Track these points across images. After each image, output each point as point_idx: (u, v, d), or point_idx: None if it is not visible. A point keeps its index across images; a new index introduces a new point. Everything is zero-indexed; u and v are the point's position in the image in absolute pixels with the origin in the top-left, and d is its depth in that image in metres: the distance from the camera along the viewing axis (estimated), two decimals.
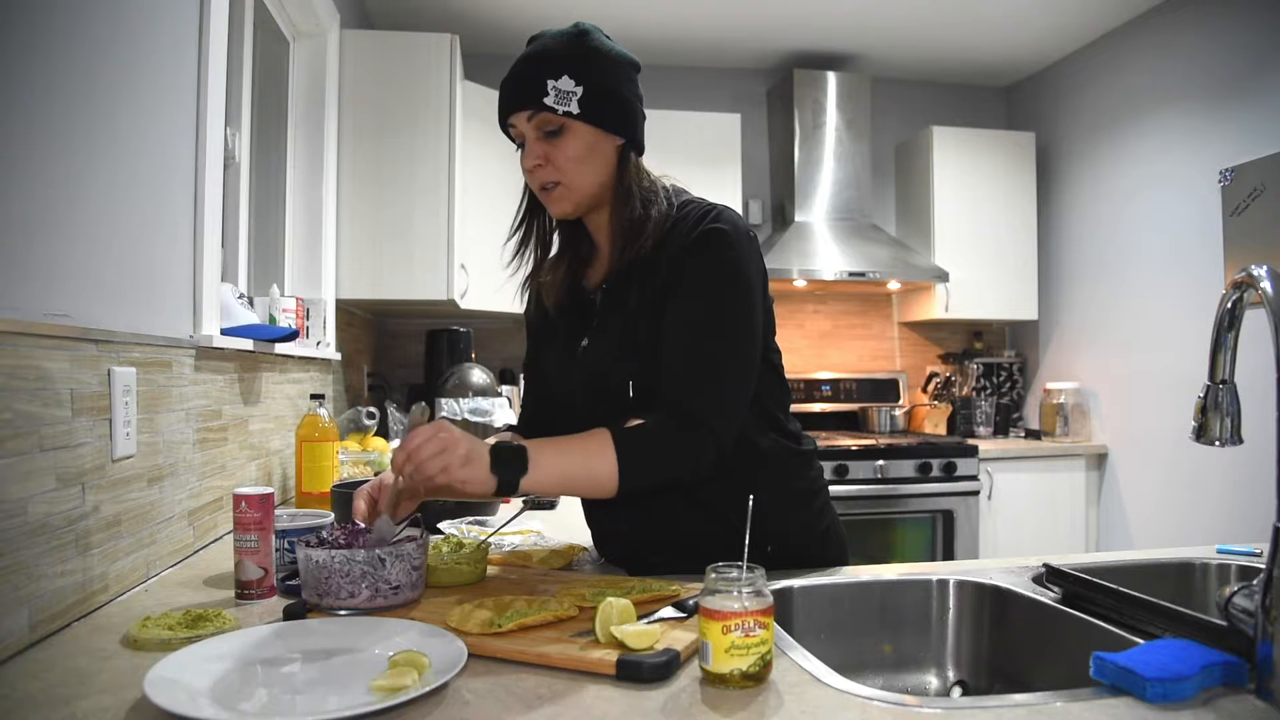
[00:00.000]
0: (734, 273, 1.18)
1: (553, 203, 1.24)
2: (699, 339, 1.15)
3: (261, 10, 2.46)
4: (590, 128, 1.19)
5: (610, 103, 1.19)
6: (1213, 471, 3.18)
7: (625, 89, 1.22)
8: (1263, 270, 0.83)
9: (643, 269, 1.21)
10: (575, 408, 1.27)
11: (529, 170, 1.22)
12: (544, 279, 1.34)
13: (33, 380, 0.99)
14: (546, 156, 1.19)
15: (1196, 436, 0.92)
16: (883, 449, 3.49)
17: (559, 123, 1.18)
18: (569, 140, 1.19)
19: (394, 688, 0.76)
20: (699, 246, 1.18)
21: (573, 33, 1.20)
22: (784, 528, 1.26)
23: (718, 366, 1.15)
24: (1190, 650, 0.80)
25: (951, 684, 1.17)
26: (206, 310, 1.58)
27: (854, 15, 3.67)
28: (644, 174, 1.26)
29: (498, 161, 3.35)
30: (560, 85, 1.16)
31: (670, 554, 1.24)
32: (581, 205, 1.24)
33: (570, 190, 1.21)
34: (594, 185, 1.22)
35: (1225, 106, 3.19)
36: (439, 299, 3.01)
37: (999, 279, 4.06)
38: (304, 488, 1.95)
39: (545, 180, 1.21)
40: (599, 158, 1.21)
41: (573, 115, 1.17)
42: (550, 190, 1.22)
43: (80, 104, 1.14)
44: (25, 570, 0.96)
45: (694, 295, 1.17)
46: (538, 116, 1.17)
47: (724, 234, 1.18)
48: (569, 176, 1.20)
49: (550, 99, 1.15)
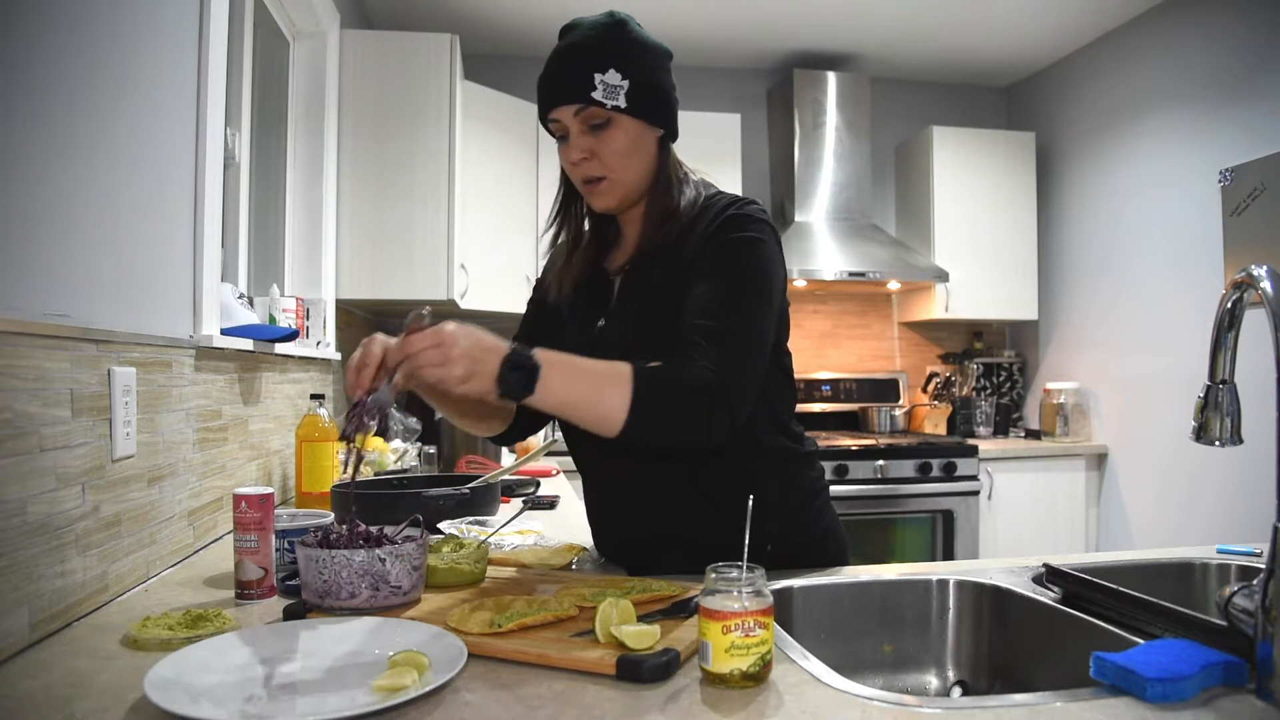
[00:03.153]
0: (759, 253, 1.17)
1: (598, 197, 1.23)
2: (725, 315, 1.12)
3: (261, 10, 2.46)
4: (636, 121, 1.18)
5: (654, 95, 1.19)
6: (1213, 471, 3.18)
7: (665, 79, 1.22)
8: (1263, 270, 0.83)
9: (665, 252, 1.21)
10: None
11: (574, 164, 1.20)
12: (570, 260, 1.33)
13: (33, 380, 0.99)
14: (592, 150, 1.18)
15: (1196, 436, 0.92)
16: (883, 449, 3.49)
17: (606, 116, 1.17)
18: (615, 134, 1.18)
19: (394, 688, 0.76)
20: (726, 227, 1.17)
21: (611, 23, 1.19)
22: (784, 528, 1.26)
23: (738, 341, 1.12)
24: (1190, 650, 0.80)
25: (951, 684, 1.17)
26: (206, 310, 1.58)
27: (854, 15, 3.67)
28: (679, 164, 1.28)
29: (498, 161, 3.35)
30: (608, 79, 1.15)
31: (671, 553, 1.24)
32: (627, 199, 1.24)
33: (616, 185, 1.21)
34: (639, 178, 1.22)
35: (1225, 106, 3.19)
36: (439, 299, 3.01)
37: (999, 279, 4.06)
38: (304, 488, 1.95)
39: (590, 174, 1.20)
40: (643, 150, 1.21)
41: (620, 109, 1.16)
42: (595, 184, 1.21)
43: (80, 104, 1.14)
44: (25, 570, 0.96)
45: (717, 273, 1.15)
46: (585, 111, 1.16)
47: (748, 218, 1.18)
48: (615, 171, 1.20)
49: (598, 93, 1.15)
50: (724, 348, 1.10)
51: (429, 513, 1.57)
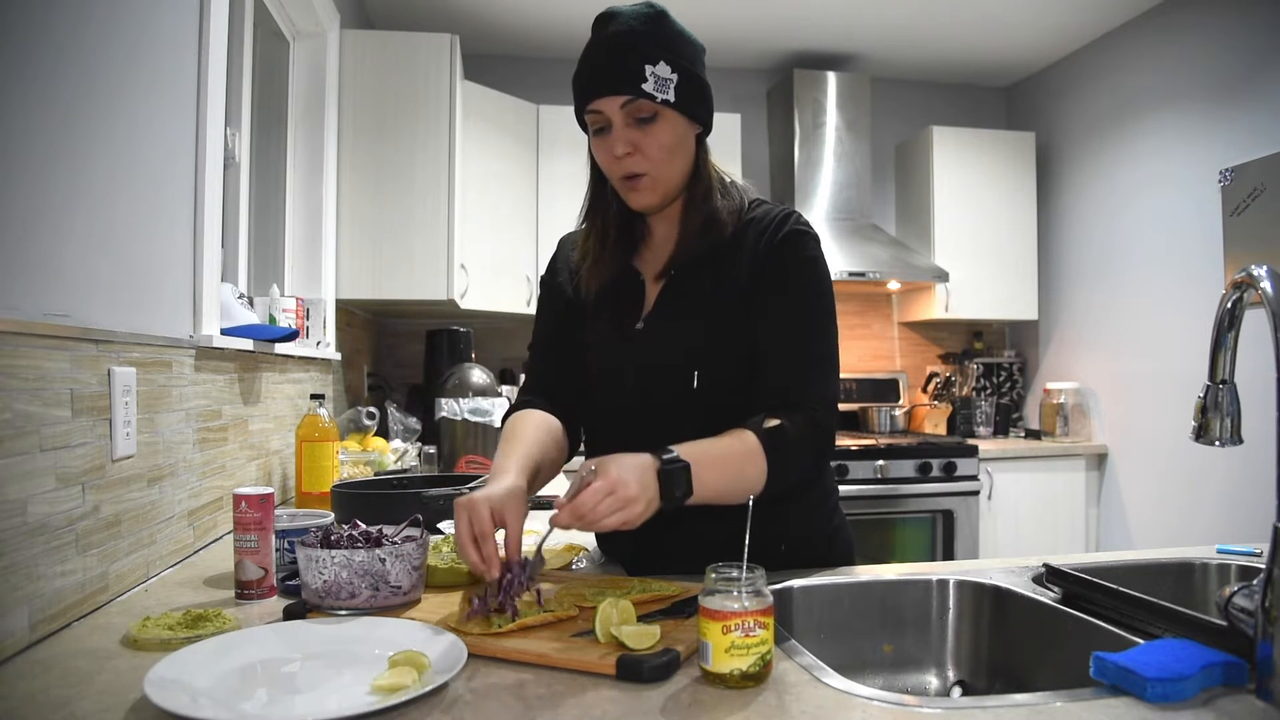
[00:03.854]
0: (825, 275, 1.21)
1: (638, 194, 1.19)
2: (809, 339, 1.17)
3: (261, 10, 2.46)
4: (681, 116, 1.16)
5: (700, 90, 1.18)
6: (1213, 471, 3.18)
7: (705, 74, 1.20)
8: (1263, 270, 0.83)
9: (714, 259, 1.20)
10: (625, 388, 1.25)
11: (618, 158, 1.16)
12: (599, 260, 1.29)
13: (33, 380, 0.99)
14: (636, 144, 1.15)
15: (1196, 436, 0.92)
16: (883, 449, 3.49)
17: (653, 110, 1.13)
18: (662, 128, 1.15)
19: (394, 688, 0.76)
20: (794, 248, 1.19)
21: (655, 14, 1.16)
22: (798, 529, 1.27)
23: (826, 366, 1.18)
24: (1190, 650, 0.80)
25: (951, 684, 1.17)
26: (206, 310, 1.58)
27: (854, 15, 3.67)
28: (714, 164, 1.27)
29: (498, 161, 3.35)
30: (659, 71, 1.12)
31: (675, 553, 1.24)
32: (667, 197, 1.22)
33: (658, 181, 1.18)
34: (680, 176, 1.21)
35: (1225, 106, 3.19)
36: (439, 299, 3.01)
37: (999, 279, 4.06)
38: (304, 488, 1.95)
39: (633, 169, 1.16)
40: (685, 147, 1.19)
41: (669, 103, 1.13)
42: (635, 180, 1.17)
43: (80, 104, 1.14)
44: (25, 570, 0.96)
45: (799, 296, 1.18)
46: (634, 103, 1.13)
47: (813, 238, 1.21)
48: (659, 167, 1.17)
49: (650, 85, 1.11)
50: (817, 384, 1.16)
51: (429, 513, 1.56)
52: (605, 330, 1.28)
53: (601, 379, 1.30)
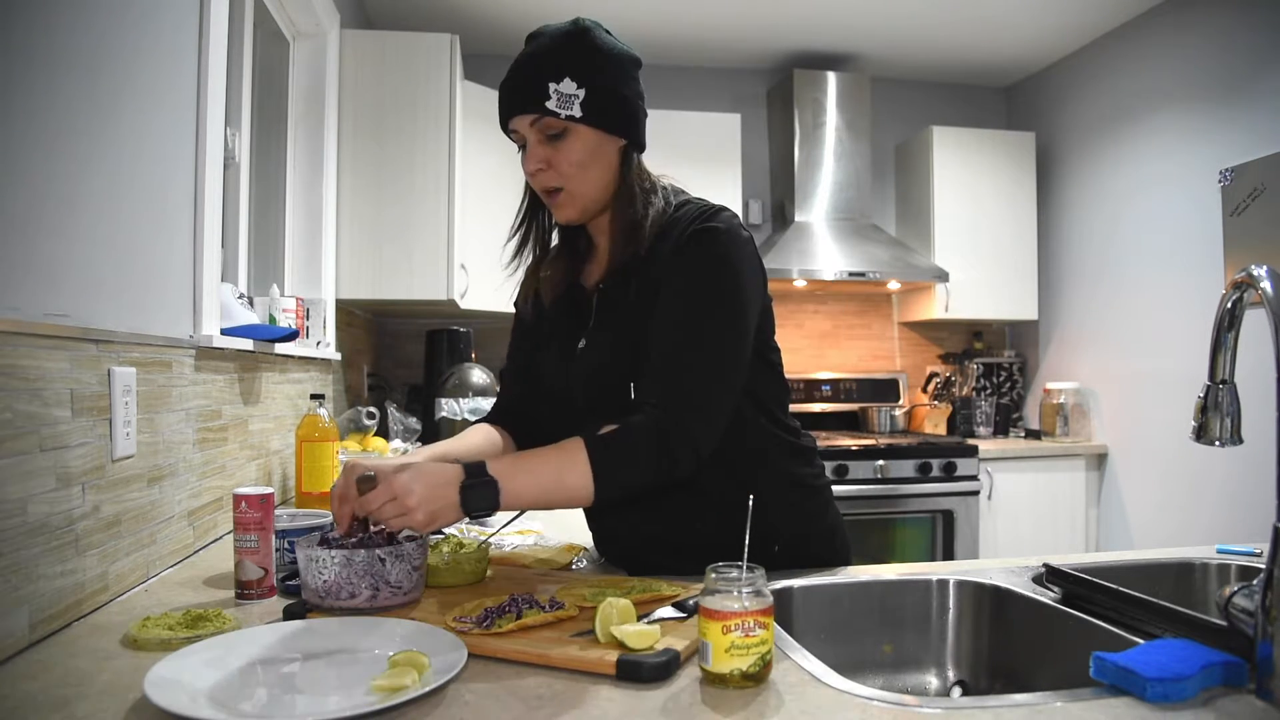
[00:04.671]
0: (721, 273, 1.14)
1: (558, 209, 1.23)
2: (680, 342, 1.12)
3: (261, 10, 2.46)
4: (593, 130, 1.17)
5: (613, 104, 1.17)
6: (1213, 471, 3.18)
7: (627, 88, 1.20)
8: (1263, 270, 0.83)
9: (638, 268, 1.20)
10: (575, 406, 1.26)
11: (530, 174, 1.20)
12: (543, 275, 1.33)
13: (33, 380, 0.99)
14: (548, 160, 1.17)
15: (1196, 436, 0.92)
16: (883, 449, 3.49)
17: (561, 126, 1.15)
18: (572, 143, 1.17)
19: (394, 688, 0.76)
20: (690, 246, 1.15)
21: (572, 30, 1.17)
22: (788, 526, 1.27)
23: (697, 371, 1.11)
24: (1190, 650, 0.80)
25: (951, 684, 1.17)
26: (206, 310, 1.58)
27: (854, 15, 3.67)
28: (645, 174, 1.25)
29: (498, 161, 3.35)
30: (562, 88, 1.13)
31: (675, 553, 1.24)
32: (588, 211, 1.23)
33: (575, 196, 1.20)
34: (598, 189, 1.21)
35: (1225, 106, 3.19)
36: (439, 299, 3.01)
37: (999, 279, 4.06)
38: (304, 488, 1.95)
39: (548, 185, 1.20)
40: (602, 160, 1.19)
41: (575, 119, 1.15)
42: (554, 196, 1.21)
43: (80, 104, 1.14)
44: (25, 570, 0.96)
45: (679, 296, 1.14)
46: (541, 121, 1.15)
47: (716, 232, 1.15)
48: (572, 181, 1.19)
49: (552, 103, 1.13)
50: (686, 383, 1.11)
51: None
52: (555, 349, 1.30)
53: (555, 399, 1.31)
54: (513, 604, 0.97)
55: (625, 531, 1.31)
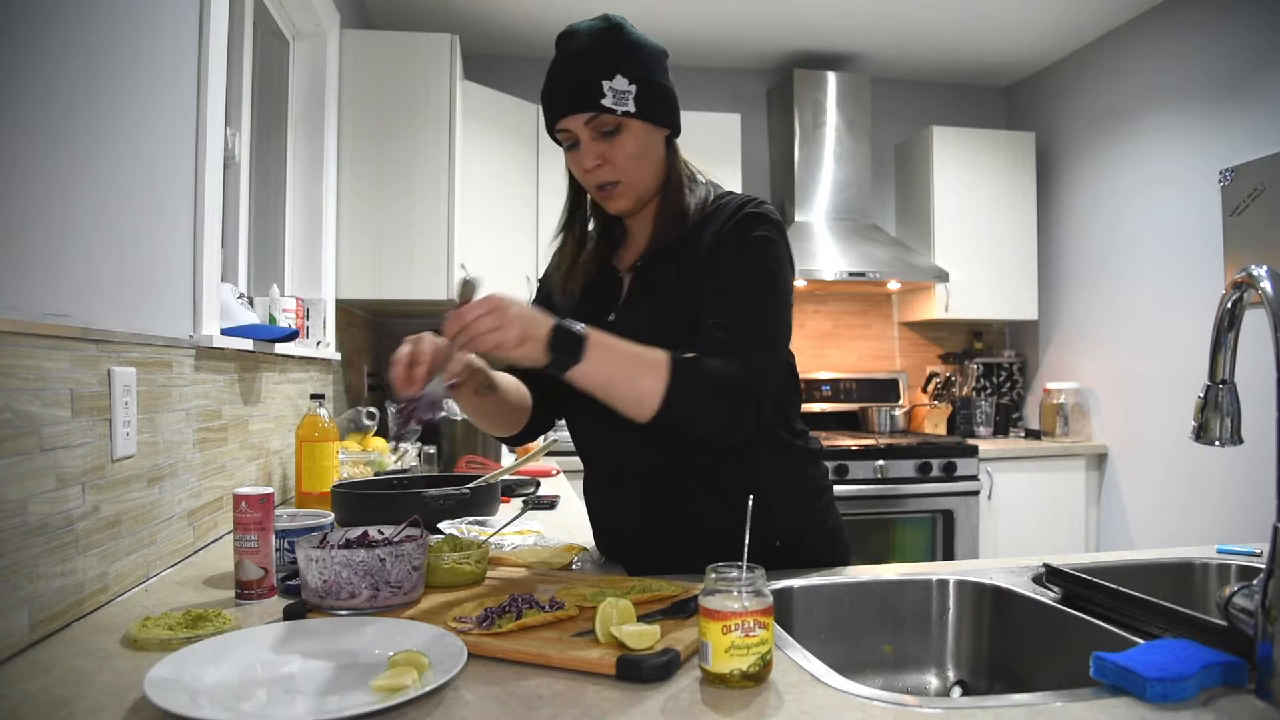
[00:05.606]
0: (776, 255, 1.20)
1: (613, 200, 1.25)
2: (745, 310, 1.15)
3: (261, 10, 2.46)
4: (645, 124, 1.21)
5: (660, 97, 1.21)
6: (1213, 471, 3.18)
7: (667, 80, 1.24)
8: (1263, 270, 0.83)
9: (680, 250, 1.23)
10: None
11: (588, 171, 1.22)
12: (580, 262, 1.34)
13: (33, 380, 0.99)
14: (604, 156, 1.20)
15: (1196, 436, 0.92)
16: (883, 449, 3.49)
17: (616, 122, 1.18)
18: (627, 139, 1.20)
19: (394, 688, 0.76)
20: (746, 226, 1.20)
21: (609, 28, 1.20)
22: (791, 525, 1.27)
23: (760, 336, 1.15)
24: (1190, 650, 0.80)
25: (951, 684, 1.17)
26: (206, 310, 1.58)
27: (854, 15, 3.67)
28: (685, 162, 1.30)
29: (498, 161, 3.35)
30: (615, 85, 1.17)
31: (677, 549, 1.24)
32: (640, 200, 1.26)
33: (630, 188, 1.23)
34: (650, 179, 1.25)
35: (1225, 106, 3.19)
36: (439, 299, 3.01)
37: (999, 279, 4.06)
38: (304, 488, 1.95)
39: (604, 180, 1.22)
40: (653, 152, 1.23)
41: (630, 114, 1.18)
42: (609, 189, 1.23)
43: (80, 104, 1.14)
44: (25, 570, 0.96)
45: (739, 268, 1.18)
46: (596, 119, 1.18)
47: (769, 220, 1.21)
48: (628, 174, 1.22)
49: (608, 100, 1.16)
50: (749, 345, 1.13)
51: (429, 513, 1.57)
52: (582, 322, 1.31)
53: None
54: (513, 604, 0.97)
55: (631, 527, 1.31)
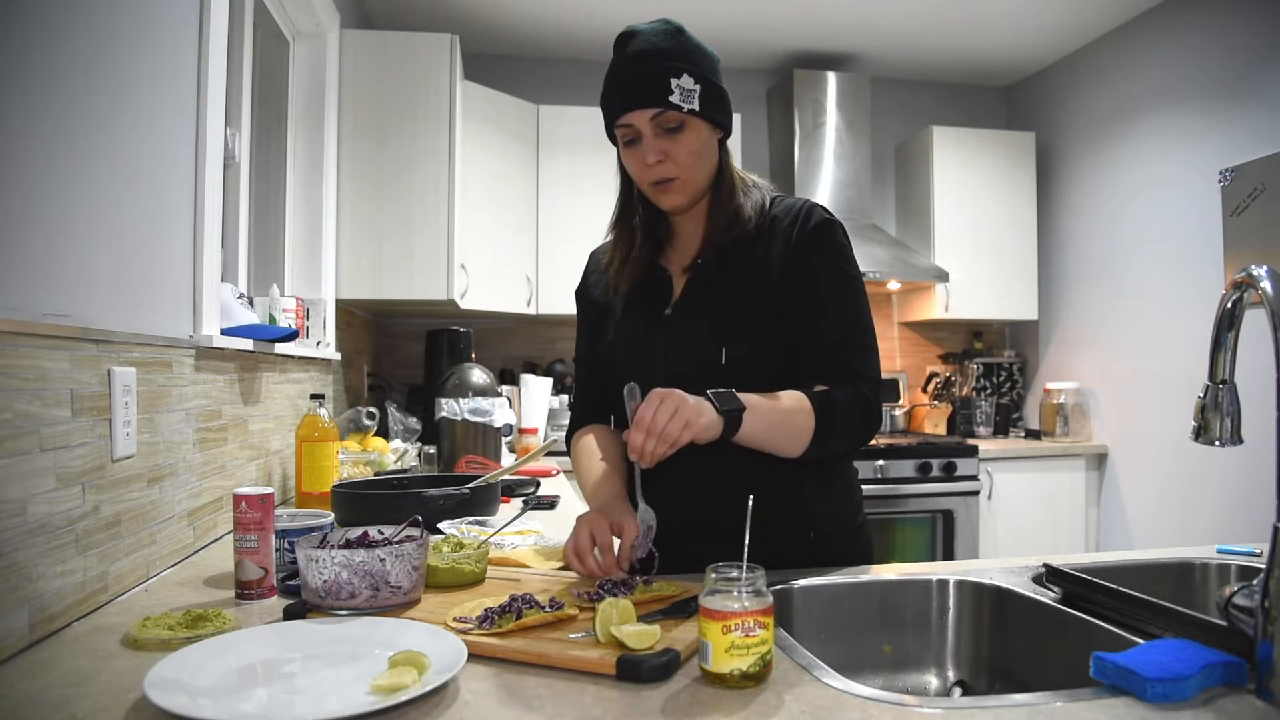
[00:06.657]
0: (855, 261, 1.29)
1: (669, 195, 1.27)
2: (853, 323, 1.26)
3: (261, 10, 2.46)
4: (706, 123, 1.25)
5: (720, 98, 1.26)
6: (1213, 471, 3.18)
7: (723, 83, 1.29)
8: (1263, 270, 0.83)
9: (739, 251, 1.28)
10: (655, 371, 1.28)
11: (649, 166, 1.24)
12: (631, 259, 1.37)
13: (33, 380, 0.99)
14: (666, 152, 1.23)
15: (1196, 436, 0.92)
16: (883, 449, 3.49)
17: (680, 120, 1.22)
18: (689, 136, 1.23)
19: (394, 688, 0.76)
20: (829, 238, 1.27)
21: (671, 30, 1.25)
22: (828, 520, 1.30)
23: (870, 346, 1.27)
24: (1190, 650, 0.80)
25: (951, 684, 1.17)
26: (206, 310, 1.58)
27: (854, 15, 3.67)
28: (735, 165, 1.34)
29: (498, 161, 3.35)
30: (683, 84, 1.21)
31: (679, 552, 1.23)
32: (695, 197, 1.30)
33: (687, 184, 1.27)
34: (706, 177, 1.29)
35: (1225, 106, 3.19)
36: (439, 299, 3.01)
37: (999, 279, 4.06)
38: (304, 488, 1.95)
39: (665, 175, 1.25)
40: (710, 151, 1.28)
41: (695, 112, 1.22)
42: (666, 184, 1.26)
43: (80, 104, 1.14)
44: (25, 570, 0.96)
45: (841, 282, 1.27)
46: (662, 115, 1.21)
47: (841, 227, 1.29)
48: (688, 171, 1.25)
49: (675, 97, 1.20)
50: (867, 361, 1.26)
51: (429, 513, 1.57)
52: (635, 320, 1.36)
53: (632, 364, 1.33)
54: (513, 604, 0.97)
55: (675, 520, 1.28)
